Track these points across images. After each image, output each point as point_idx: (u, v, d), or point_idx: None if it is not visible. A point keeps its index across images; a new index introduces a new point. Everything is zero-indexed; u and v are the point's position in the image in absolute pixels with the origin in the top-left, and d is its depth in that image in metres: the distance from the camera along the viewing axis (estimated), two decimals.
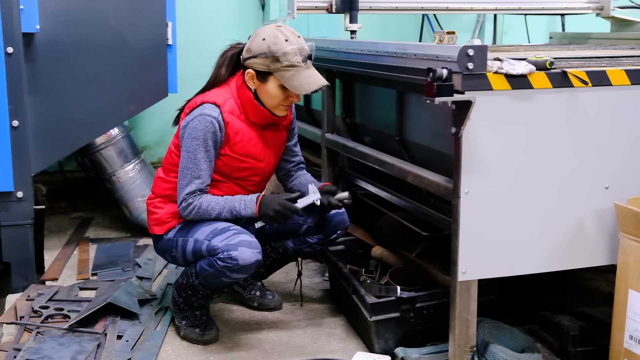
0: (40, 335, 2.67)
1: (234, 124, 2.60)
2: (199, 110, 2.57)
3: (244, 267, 2.48)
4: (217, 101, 2.58)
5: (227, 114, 2.59)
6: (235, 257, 2.46)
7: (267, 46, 2.51)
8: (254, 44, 2.55)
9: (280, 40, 2.51)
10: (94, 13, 3.35)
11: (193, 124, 2.55)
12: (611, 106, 2.25)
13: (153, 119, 4.65)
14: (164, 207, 2.70)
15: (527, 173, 2.21)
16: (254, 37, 2.57)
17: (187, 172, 2.57)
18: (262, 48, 2.53)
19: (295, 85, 2.53)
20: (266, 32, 2.54)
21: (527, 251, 2.27)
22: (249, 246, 2.49)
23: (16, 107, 3.02)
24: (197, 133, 2.54)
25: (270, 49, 2.51)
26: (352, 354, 2.58)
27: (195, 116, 2.56)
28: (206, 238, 2.55)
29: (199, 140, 2.54)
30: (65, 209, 4.46)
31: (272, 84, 2.57)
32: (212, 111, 2.55)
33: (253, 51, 2.55)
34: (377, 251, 3.07)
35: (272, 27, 2.56)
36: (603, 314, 2.54)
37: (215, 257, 2.51)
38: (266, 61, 2.53)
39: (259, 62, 2.54)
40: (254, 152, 2.67)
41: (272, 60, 2.52)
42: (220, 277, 2.54)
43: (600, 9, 4.12)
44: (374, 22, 4.83)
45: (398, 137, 2.73)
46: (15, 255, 3.15)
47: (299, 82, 2.53)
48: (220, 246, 2.50)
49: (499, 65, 2.12)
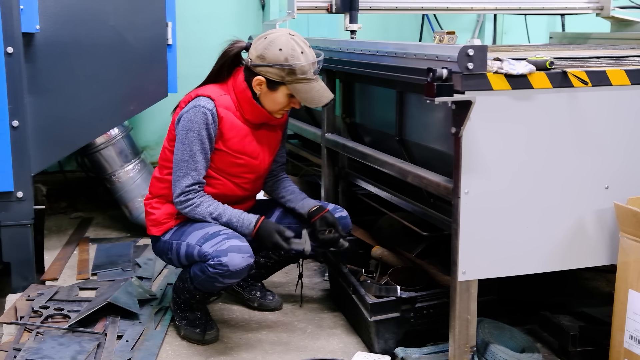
0: (40, 335, 2.67)
1: (229, 119, 2.59)
2: (194, 102, 2.57)
3: (234, 272, 2.48)
4: (212, 95, 2.58)
5: (222, 108, 2.58)
6: (225, 263, 2.46)
7: (284, 58, 2.48)
8: (270, 53, 2.50)
9: (297, 53, 2.49)
10: (94, 13, 3.35)
11: (187, 115, 2.55)
12: (611, 106, 2.25)
13: (153, 119, 4.65)
14: (161, 207, 2.70)
15: (527, 173, 2.21)
16: (268, 45, 2.51)
17: (183, 164, 2.56)
18: (278, 59, 2.49)
19: (307, 98, 2.54)
20: (282, 42, 2.50)
21: (527, 251, 2.27)
22: (238, 251, 2.47)
23: (16, 107, 3.01)
24: (191, 125, 2.54)
25: (288, 62, 2.48)
26: (352, 354, 2.58)
27: (190, 108, 2.56)
28: (197, 243, 2.54)
29: (194, 132, 2.54)
30: (65, 209, 4.46)
31: (281, 93, 2.56)
32: (206, 103, 2.55)
33: (267, 60, 2.50)
34: (377, 251, 3.07)
35: (286, 36, 2.52)
36: (603, 314, 2.54)
37: (206, 264, 2.50)
38: (281, 72, 2.50)
39: (274, 72, 2.51)
40: (249, 149, 2.66)
41: (288, 73, 2.50)
42: (213, 283, 2.54)
43: (600, 9, 4.12)
44: (374, 22, 4.83)
45: (398, 137, 2.73)
46: (15, 255, 3.15)
47: (311, 96, 2.54)
48: (211, 252, 2.48)
49: (499, 65, 2.12)
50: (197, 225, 2.60)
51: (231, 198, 2.71)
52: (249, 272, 2.57)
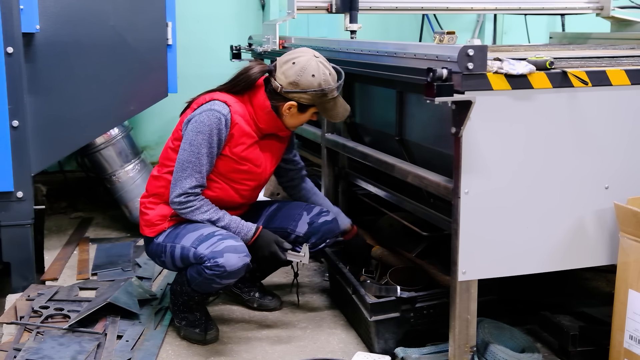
0: (40, 335, 2.67)
1: (241, 126, 2.60)
2: (208, 105, 2.56)
3: (232, 272, 2.48)
4: (228, 101, 2.58)
5: (236, 115, 2.58)
6: (222, 264, 2.46)
7: (318, 84, 2.53)
8: (303, 80, 2.52)
9: (328, 77, 2.55)
10: (94, 13, 3.35)
11: (200, 117, 2.54)
12: (611, 106, 2.25)
13: (153, 119, 4.65)
14: (155, 208, 2.69)
15: (527, 173, 2.21)
16: (300, 72, 2.52)
17: (188, 165, 2.55)
18: (313, 85, 2.53)
19: (333, 114, 2.64)
20: (313, 67, 2.53)
21: (527, 251, 2.27)
22: (234, 251, 2.48)
23: (16, 107, 3.02)
24: (203, 127, 2.53)
25: (322, 87, 2.53)
26: (352, 354, 2.58)
27: (204, 110, 2.55)
28: (192, 245, 2.53)
29: (205, 135, 2.53)
30: (65, 209, 4.46)
31: (309, 113, 2.62)
32: (221, 108, 2.55)
33: (301, 87, 2.53)
34: (377, 251, 3.07)
35: (315, 60, 2.55)
36: (603, 314, 2.54)
37: (202, 266, 2.50)
38: (315, 97, 2.55)
39: (307, 97, 2.55)
40: (253, 157, 2.66)
41: (321, 96, 2.55)
42: (211, 284, 2.55)
43: (600, 9, 4.12)
44: (374, 22, 4.83)
45: (398, 137, 2.73)
46: (15, 255, 3.15)
47: (336, 112, 2.63)
48: (206, 254, 2.48)
49: (499, 65, 2.12)
50: (191, 227, 2.59)
51: (228, 204, 2.71)
52: (246, 272, 2.57)
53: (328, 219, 2.83)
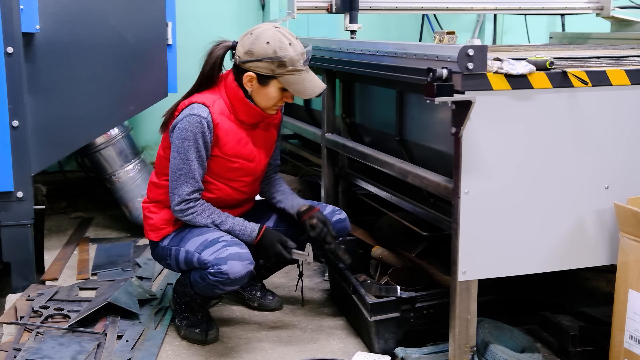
0: (40, 335, 2.67)
1: (224, 124, 2.57)
2: (188, 110, 2.53)
3: (235, 280, 2.47)
4: (206, 102, 2.55)
5: (217, 114, 2.55)
6: (226, 271, 2.45)
7: (272, 50, 2.46)
8: (257, 47, 2.48)
9: (285, 45, 2.47)
10: (93, 13, 3.35)
11: (182, 124, 2.51)
12: (611, 106, 2.25)
13: (153, 119, 4.63)
14: (159, 212, 2.69)
15: (527, 173, 2.21)
16: (254, 40, 2.49)
17: (181, 172, 2.53)
18: (267, 52, 2.47)
19: (300, 89, 2.52)
20: (269, 35, 2.48)
21: (527, 251, 2.27)
22: (238, 259, 2.47)
23: (16, 107, 3.01)
24: (186, 134, 2.50)
25: (277, 54, 2.46)
26: (352, 354, 2.58)
27: (184, 116, 2.52)
28: (196, 250, 2.53)
29: (190, 141, 2.51)
30: (65, 209, 4.46)
31: (273, 87, 2.54)
32: (200, 111, 2.51)
33: (256, 55, 2.48)
34: (377, 251, 3.07)
35: (272, 30, 2.50)
36: (603, 314, 2.54)
37: (206, 271, 2.50)
38: (271, 66, 2.48)
39: (263, 66, 2.49)
40: (244, 153, 2.64)
41: (278, 65, 2.47)
42: (214, 289, 2.54)
43: (600, 9, 4.12)
44: (374, 22, 4.83)
45: (398, 137, 2.73)
46: (15, 255, 3.15)
47: (303, 87, 2.52)
48: (210, 260, 2.47)
49: (499, 65, 2.12)
50: (195, 232, 2.58)
51: (229, 202, 2.71)
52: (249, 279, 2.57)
53: (341, 217, 2.83)
